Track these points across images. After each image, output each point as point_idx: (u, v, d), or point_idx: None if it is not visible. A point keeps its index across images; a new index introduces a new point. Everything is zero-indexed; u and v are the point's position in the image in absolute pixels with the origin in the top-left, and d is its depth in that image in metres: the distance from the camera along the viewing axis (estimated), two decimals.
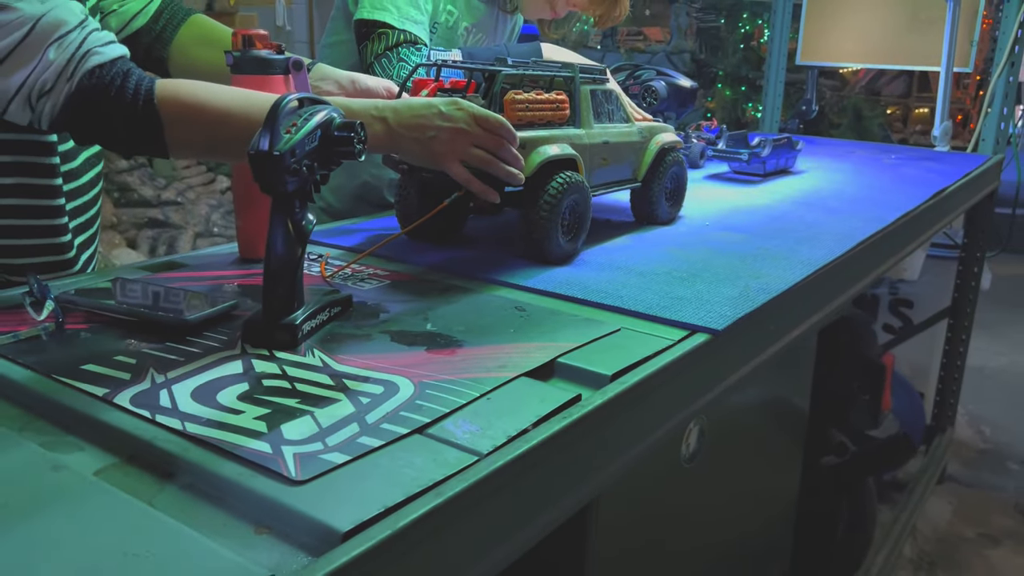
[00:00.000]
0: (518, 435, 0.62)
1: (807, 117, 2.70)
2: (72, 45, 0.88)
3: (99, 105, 0.89)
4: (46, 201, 1.09)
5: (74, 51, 0.88)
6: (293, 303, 0.79)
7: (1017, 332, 3.87)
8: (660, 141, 1.25)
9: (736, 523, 1.17)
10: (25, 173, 1.06)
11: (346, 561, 0.47)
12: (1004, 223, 2.71)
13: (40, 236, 1.09)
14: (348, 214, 1.58)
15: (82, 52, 0.88)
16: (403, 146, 0.99)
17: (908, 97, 7.46)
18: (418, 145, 0.98)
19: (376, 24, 1.37)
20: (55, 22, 0.87)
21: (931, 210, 1.60)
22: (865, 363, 1.85)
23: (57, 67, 0.87)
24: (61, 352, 0.75)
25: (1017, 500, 2.46)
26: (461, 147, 0.98)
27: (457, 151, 0.98)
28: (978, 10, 2.44)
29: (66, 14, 0.88)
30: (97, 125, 0.91)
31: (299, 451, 0.58)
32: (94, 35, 0.90)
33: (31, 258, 1.09)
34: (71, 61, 0.87)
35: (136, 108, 0.89)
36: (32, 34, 0.86)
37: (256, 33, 1.00)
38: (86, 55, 0.88)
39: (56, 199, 1.09)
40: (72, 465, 0.57)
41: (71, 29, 0.88)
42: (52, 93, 0.88)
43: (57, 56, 0.86)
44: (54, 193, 1.09)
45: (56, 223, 1.10)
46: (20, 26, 0.85)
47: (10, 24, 0.84)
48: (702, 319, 0.86)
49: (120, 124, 0.90)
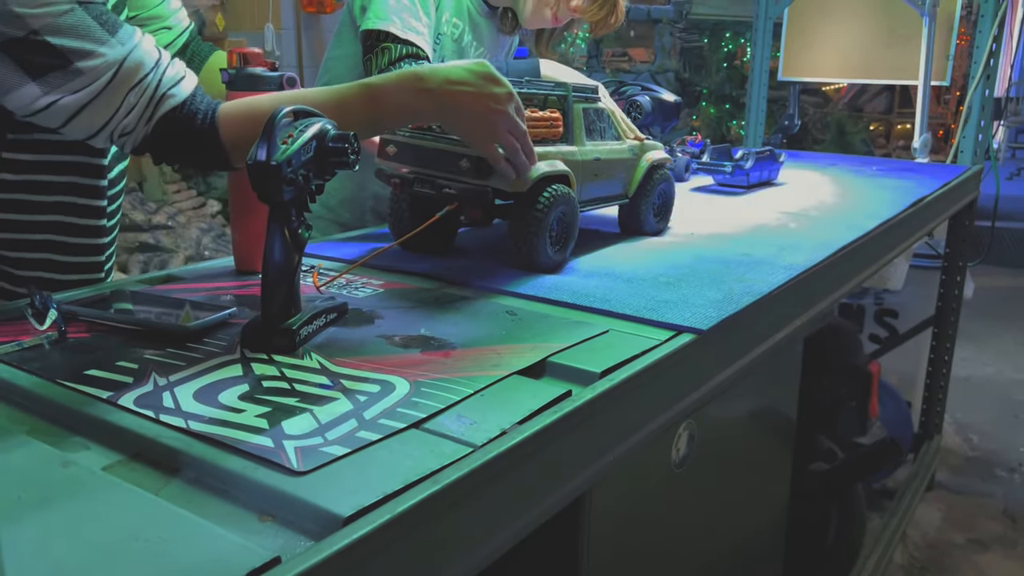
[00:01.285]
0: (511, 428, 0.64)
1: (790, 132, 2.75)
2: (150, 88, 0.92)
3: (176, 139, 0.94)
4: (91, 221, 1.13)
5: (152, 94, 0.92)
6: (290, 309, 0.81)
7: (1002, 342, 3.92)
8: (651, 158, 1.29)
9: (727, 529, 1.19)
10: (75, 192, 1.10)
11: (348, 543, 0.49)
12: (984, 235, 2.77)
13: (82, 254, 1.14)
14: (359, 226, 1.61)
15: (159, 96, 0.92)
16: (446, 119, 1.02)
17: (890, 113, 7.57)
18: (459, 120, 0.99)
19: (380, 35, 1.41)
20: (135, 65, 0.91)
21: (911, 218, 1.64)
22: (852, 370, 1.88)
23: (138, 112, 0.91)
24: (64, 359, 0.77)
25: (1005, 505, 2.49)
26: (501, 132, 1.00)
27: (496, 136, 1.00)
28: (953, 25, 2.50)
29: (144, 56, 0.92)
30: (173, 152, 0.97)
31: (300, 445, 0.60)
32: (167, 76, 0.94)
33: (70, 275, 1.13)
34: (149, 104, 0.92)
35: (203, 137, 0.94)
36: (116, 78, 0.89)
37: (251, 51, 1.03)
38: (162, 99, 0.93)
39: (100, 219, 1.14)
40: (80, 462, 0.59)
41: (148, 72, 0.92)
42: (132, 134, 0.93)
43: (137, 100, 0.91)
44: (99, 214, 1.14)
45: (98, 242, 1.16)
46: (106, 70, 0.89)
47: (96, 69, 0.88)
48: (687, 320, 0.89)
49: (194, 151, 0.96)
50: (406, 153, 1.10)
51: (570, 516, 0.76)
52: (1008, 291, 4.79)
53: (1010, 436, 2.96)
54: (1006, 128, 8.18)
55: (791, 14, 2.92)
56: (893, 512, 2.14)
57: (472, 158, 1.03)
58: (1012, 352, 3.81)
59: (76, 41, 0.87)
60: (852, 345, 2.01)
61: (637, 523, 0.90)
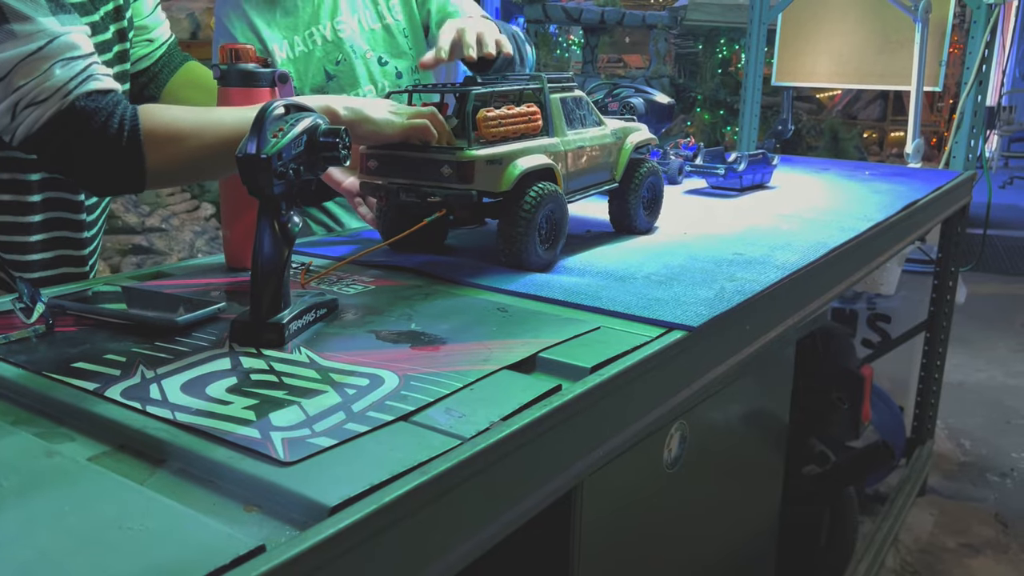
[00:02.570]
0: (499, 421, 0.64)
1: (783, 137, 2.75)
2: (77, 67, 0.92)
3: (82, 130, 0.92)
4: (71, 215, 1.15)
5: (77, 72, 0.92)
6: (280, 303, 0.81)
7: (995, 348, 3.93)
8: (634, 140, 1.29)
9: (719, 531, 1.18)
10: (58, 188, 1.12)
11: (333, 533, 0.49)
12: (977, 242, 2.78)
13: (64, 248, 1.15)
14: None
15: (84, 75, 0.92)
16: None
17: (884, 121, 7.61)
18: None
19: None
20: (69, 44, 0.92)
21: (903, 221, 1.64)
22: (844, 373, 1.88)
23: (56, 82, 0.91)
24: (51, 352, 0.76)
25: (997, 510, 2.49)
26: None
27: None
28: (946, 32, 2.52)
29: (80, 41, 0.93)
30: (72, 150, 0.93)
31: (287, 436, 0.60)
32: (97, 66, 0.94)
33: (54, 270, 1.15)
34: (72, 79, 0.91)
35: (120, 140, 0.92)
36: (47, 48, 0.90)
37: (243, 47, 1.03)
38: (87, 79, 0.92)
39: (79, 214, 1.16)
40: (65, 452, 0.59)
41: (80, 55, 0.93)
42: (42, 105, 0.91)
43: (61, 73, 0.91)
44: (78, 208, 1.15)
45: (80, 236, 1.17)
46: (38, 38, 0.89)
47: (30, 35, 0.89)
48: (679, 317, 0.89)
49: (99, 154, 0.93)
50: (388, 165, 1.10)
51: (561, 515, 0.76)
52: (1000, 298, 4.80)
53: (1002, 441, 2.96)
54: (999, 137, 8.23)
55: (785, 20, 2.94)
56: (885, 516, 2.14)
57: (454, 164, 1.03)
58: (1004, 358, 3.81)
59: (18, 3, 0.88)
60: (845, 349, 2.01)
61: (628, 523, 0.90)
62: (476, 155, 1.02)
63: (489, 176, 1.03)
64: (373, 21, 1.56)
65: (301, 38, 1.54)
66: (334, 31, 1.54)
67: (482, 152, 1.03)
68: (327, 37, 1.54)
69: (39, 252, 1.13)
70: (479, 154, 1.02)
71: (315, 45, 1.53)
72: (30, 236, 1.12)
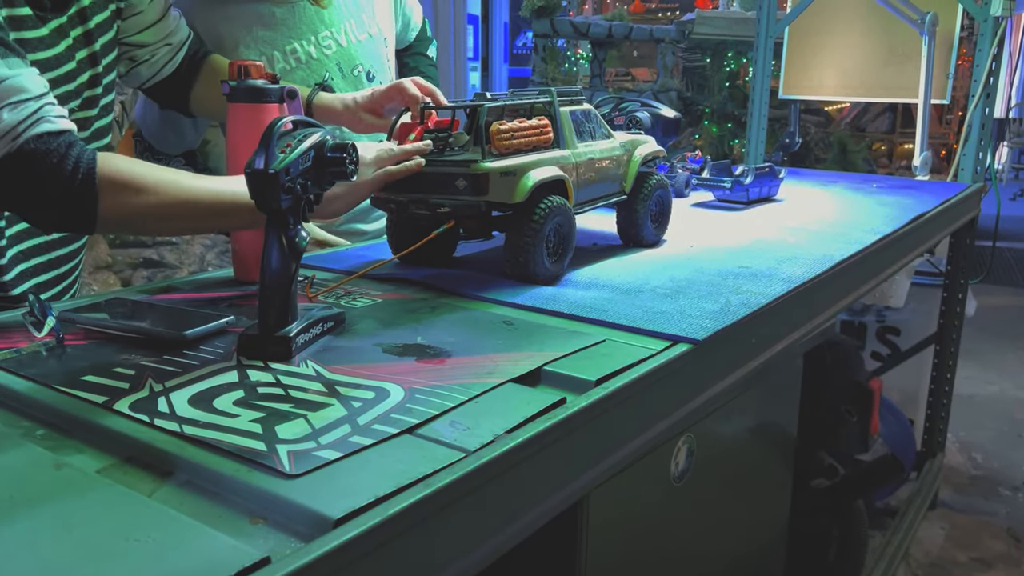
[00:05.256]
0: (505, 434, 0.64)
1: (791, 149, 2.76)
2: (27, 111, 0.91)
3: (33, 170, 0.91)
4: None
5: (27, 116, 0.91)
6: (287, 317, 0.82)
7: (1005, 361, 3.90)
8: (643, 152, 1.29)
9: (727, 544, 1.18)
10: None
11: (338, 545, 0.49)
12: (986, 254, 2.77)
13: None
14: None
15: (35, 118, 0.91)
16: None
17: (892, 133, 7.60)
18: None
19: None
20: (16, 87, 0.91)
21: (911, 234, 1.64)
22: (853, 386, 1.87)
23: (5, 127, 0.89)
24: (61, 365, 0.77)
25: (1009, 525, 2.47)
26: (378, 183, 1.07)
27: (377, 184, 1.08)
28: (953, 44, 2.52)
29: (29, 83, 0.92)
30: (25, 189, 0.93)
31: (293, 449, 0.60)
32: (49, 107, 0.93)
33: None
34: (22, 123, 0.90)
35: (75, 179, 0.91)
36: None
37: (252, 63, 1.04)
38: (37, 121, 0.91)
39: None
40: (74, 464, 0.59)
41: (30, 98, 0.92)
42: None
43: (9, 117, 0.89)
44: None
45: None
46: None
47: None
48: (684, 330, 0.89)
49: (52, 193, 0.92)
50: (402, 180, 1.10)
51: (567, 528, 0.76)
52: (1011, 310, 4.78)
53: (1014, 455, 2.94)
54: (1009, 149, 8.21)
55: (791, 33, 2.95)
56: (895, 530, 2.12)
57: (468, 176, 1.04)
58: (1015, 371, 3.79)
59: None
60: (854, 362, 2.01)
61: (636, 536, 0.90)
62: (490, 167, 1.03)
63: (503, 188, 1.04)
64: (359, 31, 1.52)
65: (281, 54, 1.44)
66: (319, 48, 1.46)
67: (496, 164, 1.04)
68: (311, 54, 1.45)
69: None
70: (493, 166, 1.03)
71: (297, 64, 1.45)
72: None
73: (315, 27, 1.45)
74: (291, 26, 1.43)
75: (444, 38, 6.50)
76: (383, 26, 1.57)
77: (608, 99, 1.75)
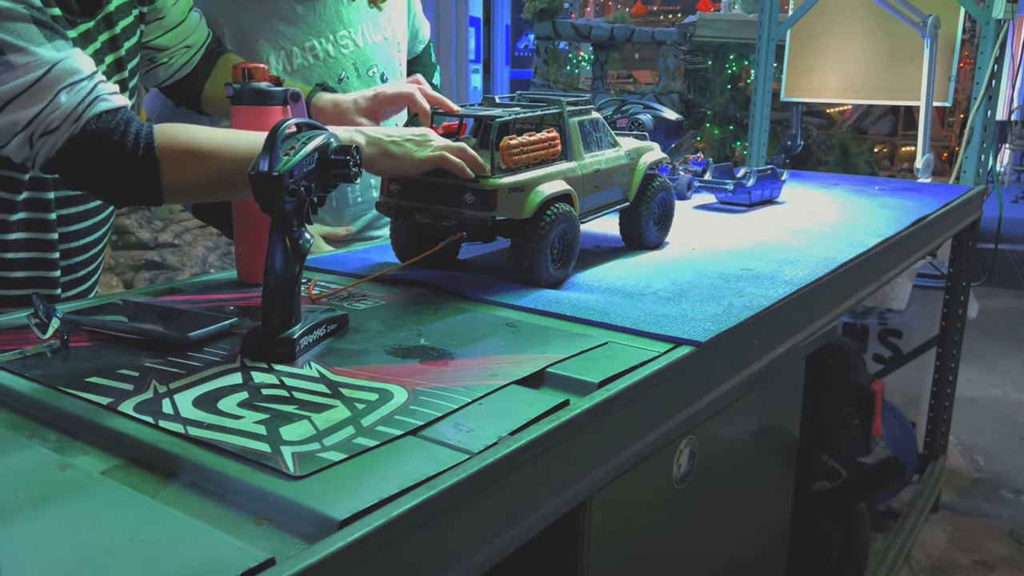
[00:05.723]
0: (508, 435, 0.64)
1: (793, 152, 2.76)
2: (83, 91, 0.93)
3: (98, 149, 0.94)
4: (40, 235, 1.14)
5: (84, 96, 0.93)
6: (291, 319, 0.82)
7: (1008, 364, 3.90)
8: (648, 160, 1.30)
9: (729, 547, 1.18)
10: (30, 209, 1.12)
11: (342, 546, 0.49)
12: (988, 257, 2.77)
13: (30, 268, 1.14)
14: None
15: (91, 98, 0.94)
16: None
17: (894, 136, 7.60)
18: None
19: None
20: (70, 69, 0.93)
21: (913, 236, 1.64)
22: (855, 389, 1.87)
23: (66, 109, 0.92)
24: (66, 366, 0.77)
25: (1011, 527, 2.47)
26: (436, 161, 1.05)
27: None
28: (955, 47, 2.52)
29: (80, 64, 0.94)
30: (92, 168, 0.95)
31: (297, 450, 0.61)
32: (102, 85, 0.96)
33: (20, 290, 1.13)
34: (80, 104, 0.93)
35: (136, 153, 0.94)
36: (47, 76, 0.91)
37: (255, 66, 1.04)
38: (95, 100, 0.94)
39: (49, 233, 1.14)
40: (78, 465, 0.59)
41: (83, 78, 0.94)
42: (55, 133, 0.93)
43: (68, 100, 0.92)
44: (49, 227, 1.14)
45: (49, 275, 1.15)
46: (36, 68, 0.91)
47: (27, 65, 0.90)
48: (686, 333, 0.89)
49: (117, 168, 0.95)
50: (410, 190, 1.10)
51: (570, 529, 0.76)
52: (1013, 313, 4.77)
53: (1016, 458, 2.94)
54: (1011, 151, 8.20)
55: (793, 36, 2.95)
56: (898, 533, 2.12)
57: (477, 192, 1.04)
58: (1018, 374, 3.79)
59: (11, 36, 0.89)
60: (856, 364, 2.01)
61: (638, 539, 0.90)
62: (500, 183, 1.03)
63: (511, 204, 1.05)
64: (375, 33, 1.53)
65: (300, 50, 1.46)
66: (337, 46, 1.48)
67: (505, 180, 1.04)
68: (329, 52, 1.47)
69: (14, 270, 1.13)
70: (502, 183, 1.04)
71: (315, 60, 1.47)
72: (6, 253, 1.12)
73: (334, 26, 1.47)
74: (311, 23, 1.44)
75: (446, 40, 6.51)
76: (397, 31, 1.58)
77: (610, 101, 1.75)
